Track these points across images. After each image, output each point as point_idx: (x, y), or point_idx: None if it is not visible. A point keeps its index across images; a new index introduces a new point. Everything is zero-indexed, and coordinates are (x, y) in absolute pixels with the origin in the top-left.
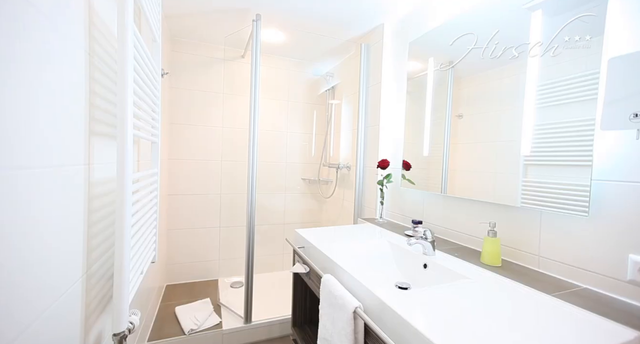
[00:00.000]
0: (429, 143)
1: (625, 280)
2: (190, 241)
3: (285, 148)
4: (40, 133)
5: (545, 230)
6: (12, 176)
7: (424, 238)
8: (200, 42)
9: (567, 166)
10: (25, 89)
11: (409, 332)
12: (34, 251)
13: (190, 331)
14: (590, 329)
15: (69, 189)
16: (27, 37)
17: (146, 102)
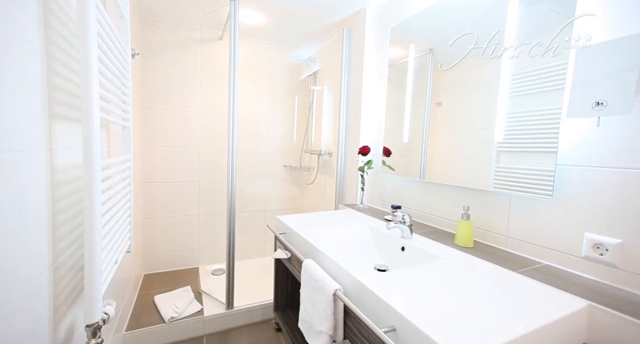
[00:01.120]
0: (409, 130)
1: (580, 256)
2: (168, 230)
3: (266, 134)
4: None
5: (514, 212)
6: None
7: (403, 222)
8: (175, 22)
9: (536, 153)
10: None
11: (386, 311)
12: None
13: (171, 318)
14: (546, 300)
15: (27, 176)
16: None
17: (114, 84)
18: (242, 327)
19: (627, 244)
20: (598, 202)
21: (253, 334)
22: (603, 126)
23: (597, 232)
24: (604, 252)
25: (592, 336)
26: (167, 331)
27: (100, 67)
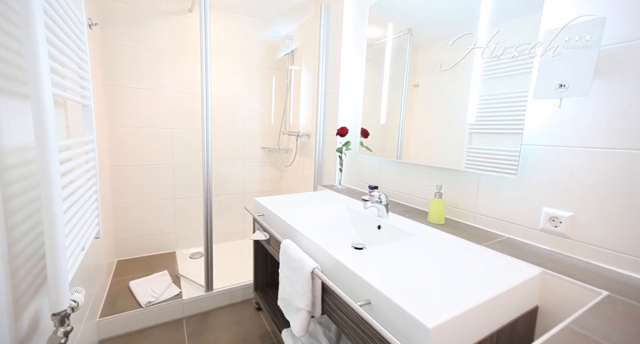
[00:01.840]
0: (386, 111)
1: (538, 229)
2: (141, 215)
3: (243, 116)
4: None
5: (482, 190)
6: None
7: (379, 202)
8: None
9: (504, 134)
10: None
11: (362, 286)
12: None
13: (148, 303)
14: (507, 269)
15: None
16: None
17: (68, 56)
18: (222, 308)
19: (578, 216)
20: (556, 179)
21: (233, 314)
22: (564, 108)
23: (553, 207)
24: (558, 225)
25: (544, 298)
26: (144, 316)
27: (49, 35)
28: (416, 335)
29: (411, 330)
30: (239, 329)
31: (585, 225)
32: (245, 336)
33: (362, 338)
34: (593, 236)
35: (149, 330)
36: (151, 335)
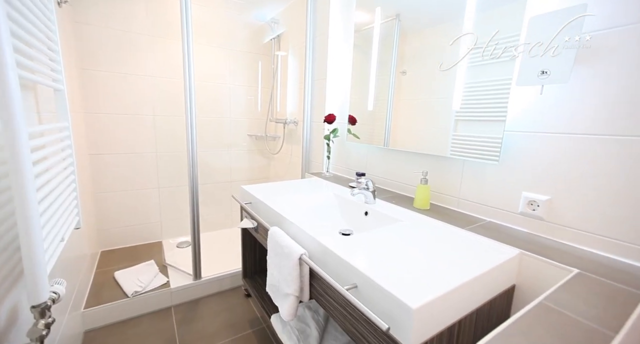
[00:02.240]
0: (374, 98)
1: (517, 212)
2: (125, 204)
3: (229, 102)
4: None
5: (466, 176)
6: None
7: (366, 189)
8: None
9: (488, 121)
10: None
11: (349, 270)
12: None
13: (134, 293)
14: (486, 250)
15: None
16: None
17: (35, 36)
18: (211, 295)
19: (554, 200)
20: (535, 164)
21: (223, 301)
22: (545, 94)
23: (532, 191)
24: (536, 208)
25: (521, 278)
26: (131, 305)
27: (10, 11)
28: (400, 316)
29: (396, 311)
30: (228, 316)
31: (560, 208)
32: (235, 322)
33: (349, 320)
34: (567, 218)
35: (137, 319)
36: (139, 324)
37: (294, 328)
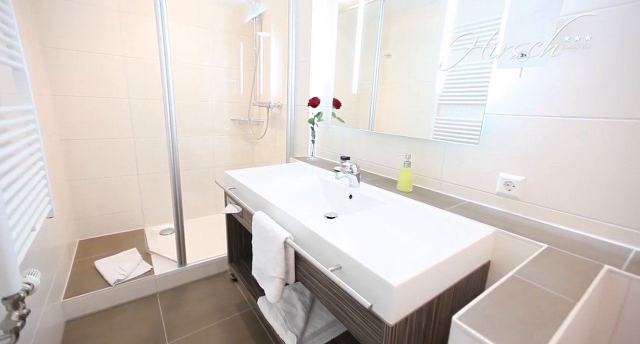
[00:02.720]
0: (358, 81)
1: (494, 193)
2: (102, 192)
3: (210, 85)
4: None
5: (448, 158)
6: None
7: (351, 172)
8: None
9: (469, 105)
10: None
11: (333, 252)
12: None
13: (117, 281)
14: (464, 229)
15: None
16: None
17: None
18: (197, 281)
19: (528, 180)
20: (512, 146)
21: (209, 286)
22: (523, 77)
23: (509, 172)
24: (512, 189)
25: (495, 254)
26: (114, 293)
27: None
28: (383, 293)
29: (378, 289)
30: (215, 300)
31: (533, 188)
32: (222, 306)
33: (334, 300)
34: (539, 197)
35: (121, 307)
36: (124, 312)
37: (280, 310)
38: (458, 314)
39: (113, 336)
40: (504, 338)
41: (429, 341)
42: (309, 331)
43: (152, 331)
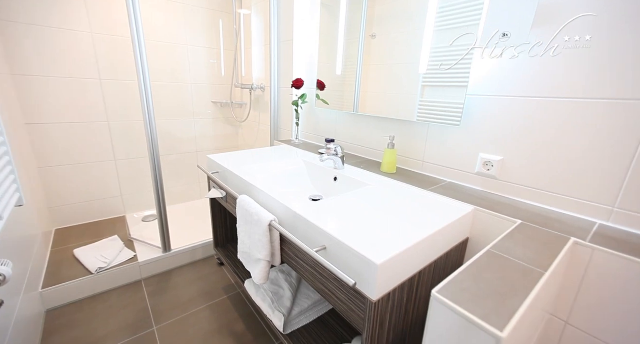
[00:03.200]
0: (342, 62)
1: (474, 173)
2: (78, 179)
3: (188, 66)
4: None
5: (430, 140)
6: None
7: (335, 155)
8: None
9: (452, 86)
10: None
11: (318, 233)
12: None
13: (99, 269)
14: (445, 208)
15: None
16: None
17: None
18: (183, 266)
19: (506, 160)
20: (491, 126)
21: (196, 271)
22: (504, 57)
23: (488, 152)
24: (490, 168)
25: (474, 231)
26: (97, 281)
27: None
28: (366, 271)
29: (362, 268)
30: (202, 284)
31: (510, 167)
32: (210, 290)
33: (319, 279)
34: (516, 176)
35: (105, 294)
36: (108, 299)
37: (267, 291)
38: (437, 288)
39: (98, 323)
40: (479, 307)
41: (410, 314)
42: (296, 310)
43: (138, 317)
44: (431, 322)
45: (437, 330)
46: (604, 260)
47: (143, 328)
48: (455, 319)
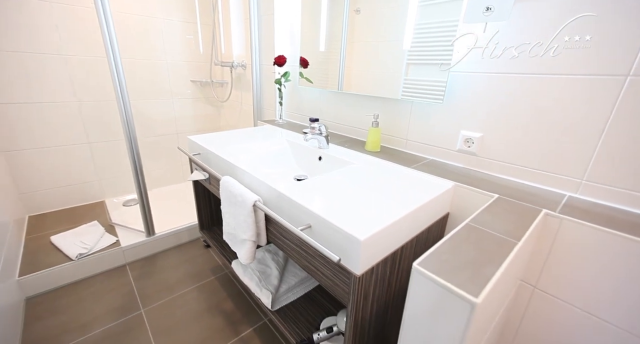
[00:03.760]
0: (326, 38)
1: (455, 150)
2: (48, 163)
3: (163, 41)
4: None
5: (414, 117)
6: None
7: (320, 134)
8: None
9: (436, 64)
10: None
11: (303, 212)
12: None
13: (79, 255)
14: (428, 184)
15: None
16: None
17: None
18: (169, 250)
19: (486, 136)
20: (473, 103)
21: (182, 253)
22: (488, 32)
23: (469, 129)
24: (471, 145)
25: (454, 206)
26: (78, 268)
27: None
28: (350, 248)
29: (346, 244)
30: (189, 267)
31: (489, 144)
32: (197, 272)
33: (305, 257)
34: (494, 152)
35: (89, 280)
36: (92, 284)
37: (255, 270)
38: (418, 260)
39: (84, 308)
40: (456, 277)
41: (393, 287)
42: (283, 287)
43: (124, 300)
44: (412, 292)
45: (418, 299)
46: (571, 229)
47: (130, 310)
48: (434, 288)
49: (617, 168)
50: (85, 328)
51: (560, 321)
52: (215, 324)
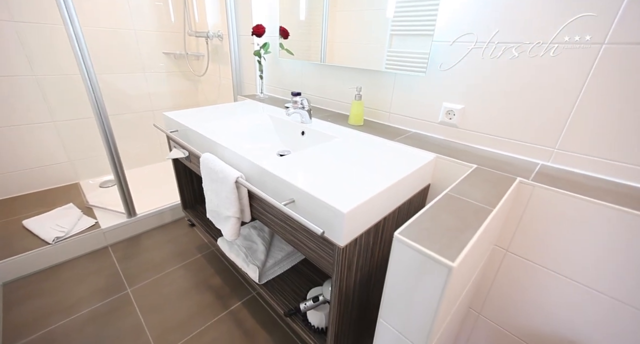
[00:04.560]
0: (306, 5)
1: (437, 122)
2: (9, 145)
3: (129, 9)
4: None
5: (397, 90)
6: None
7: (302, 108)
8: None
9: (419, 35)
10: None
11: (286, 187)
12: None
13: (56, 239)
14: (410, 157)
15: None
16: None
17: None
18: (152, 230)
19: (467, 108)
20: (454, 74)
21: (166, 233)
22: None
23: (450, 102)
24: (452, 117)
25: (435, 177)
26: (56, 251)
27: None
28: (334, 220)
29: (330, 217)
30: (174, 246)
31: (470, 115)
32: (182, 250)
33: (290, 231)
34: (474, 124)
35: (69, 263)
36: (74, 267)
37: (241, 247)
38: (399, 229)
39: (67, 290)
40: (435, 243)
41: (376, 256)
42: (270, 261)
43: (109, 281)
44: (393, 259)
45: (399, 265)
46: (541, 195)
47: (116, 291)
48: (414, 255)
49: (587, 137)
50: (71, 309)
51: (530, 281)
52: (205, 299)
